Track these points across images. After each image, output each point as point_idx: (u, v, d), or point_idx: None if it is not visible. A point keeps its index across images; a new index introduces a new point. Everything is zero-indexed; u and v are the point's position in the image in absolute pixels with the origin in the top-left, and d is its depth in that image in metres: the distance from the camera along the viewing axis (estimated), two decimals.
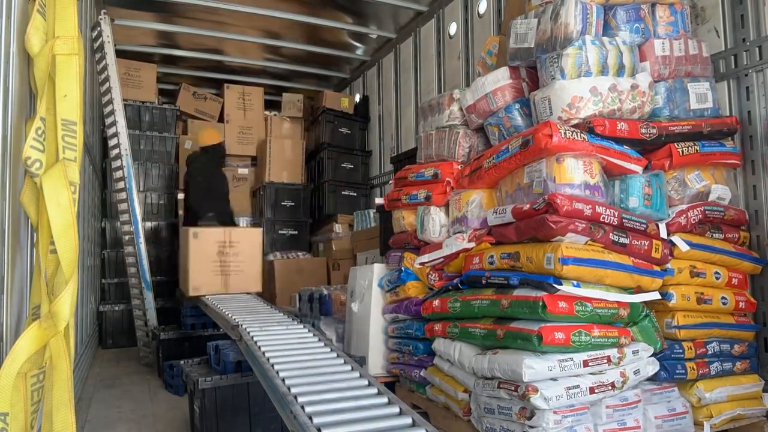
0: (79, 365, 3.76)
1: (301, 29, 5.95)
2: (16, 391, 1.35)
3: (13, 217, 1.54)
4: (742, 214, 2.78)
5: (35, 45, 1.55)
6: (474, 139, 3.19)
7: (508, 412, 2.31)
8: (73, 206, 1.48)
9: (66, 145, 1.54)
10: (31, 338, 1.38)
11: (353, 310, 3.72)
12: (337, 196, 6.49)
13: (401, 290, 3.28)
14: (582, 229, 2.30)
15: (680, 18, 2.85)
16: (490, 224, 2.73)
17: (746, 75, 2.82)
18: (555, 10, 2.65)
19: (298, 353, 2.43)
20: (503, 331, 2.37)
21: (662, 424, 2.41)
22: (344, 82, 7.49)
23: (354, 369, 2.24)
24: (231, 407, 2.73)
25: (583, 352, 2.25)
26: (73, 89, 1.56)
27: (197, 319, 4.66)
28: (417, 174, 3.33)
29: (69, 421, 1.48)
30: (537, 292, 2.27)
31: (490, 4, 4.53)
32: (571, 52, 2.57)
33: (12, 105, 1.54)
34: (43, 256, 1.49)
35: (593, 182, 2.42)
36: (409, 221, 3.38)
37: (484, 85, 3.00)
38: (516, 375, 2.21)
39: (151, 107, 6.23)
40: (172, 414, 3.44)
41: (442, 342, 2.81)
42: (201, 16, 5.60)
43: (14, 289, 1.56)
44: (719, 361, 2.57)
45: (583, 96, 2.52)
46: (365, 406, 1.85)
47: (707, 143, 2.67)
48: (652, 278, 2.45)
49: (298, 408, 1.77)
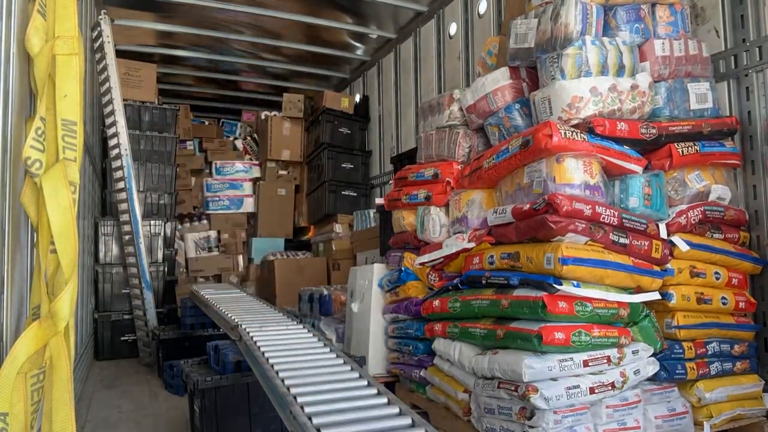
0: (78, 365, 3.75)
1: (301, 29, 5.95)
2: (16, 391, 1.35)
3: (13, 217, 1.54)
4: (742, 214, 2.78)
5: (35, 45, 1.54)
6: (474, 139, 3.19)
7: (508, 412, 2.31)
8: (73, 206, 1.48)
9: (66, 145, 1.54)
10: (31, 338, 1.38)
11: (353, 310, 3.72)
12: (337, 196, 6.49)
13: (401, 290, 3.28)
14: (582, 229, 2.30)
15: (680, 18, 2.85)
16: (490, 224, 2.73)
17: (746, 75, 2.82)
18: (555, 10, 2.65)
19: (297, 353, 2.43)
20: (503, 331, 2.37)
21: (662, 424, 2.41)
22: (344, 82, 7.49)
23: (354, 369, 2.24)
24: (231, 407, 2.73)
25: (583, 352, 2.25)
26: (73, 89, 1.56)
27: (196, 319, 4.67)
28: (417, 174, 3.33)
29: (69, 421, 1.48)
30: (537, 292, 2.27)
31: (490, 4, 4.53)
32: (571, 53, 2.57)
33: (12, 105, 1.53)
34: (43, 256, 1.49)
35: (593, 182, 2.42)
36: (409, 221, 3.38)
37: (484, 85, 3.00)
38: (516, 375, 2.21)
39: (151, 107, 6.21)
40: (172, 414, 3.44)
41: (442, 342, 2.81)
42: (201, 16, 5.59)
43: (14, 289, 1.56)
44: (719, 361, 2.57)
45: (583, 96, 2.52)
46: (365, 406, 1.84)
47: (707, 143, 2.67)
48: (652, 278, 2.45)
49: (298, 408, 1.76)
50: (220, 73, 7.11)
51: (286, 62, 6.86)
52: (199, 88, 7.67)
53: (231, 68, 7.03)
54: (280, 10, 5.50)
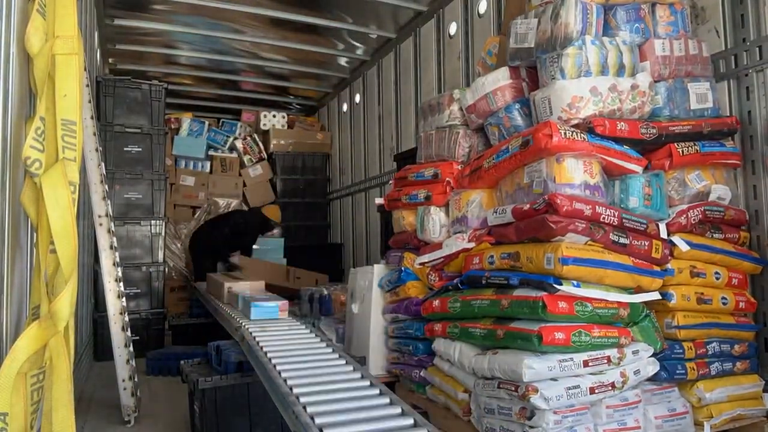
0: (78, 365, 3.75)
1: (302, 29, 5.94)
2: (16, 391, 1.35)
3: (13, 217, 1.54)
4: (742, 214, 2.78)
5: (35, 45, 1.54)
6: (474, 139, 3.18)
7: (508, 413, 2.31)
8: (72, 206, 1.48)
9: (66, 144, 1.54)
10: (30, 338, 1.38)
11: (353, 311, 3.72)
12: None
13: (401, 290, 3.28)
14: (582, 229, 2.29)
15: (680, 18, 2.85)
16: (490, 224, 2.73)
17: (746, 75, 2.82)
18: (555, 10, 2.65)
19: (300, 354, 2.43)
20: (503, 331, 2.37)
21: (662, 424, 2.41)
22: (344, 82, 7.48)
23: (356, 369, 2.24)
24: (231, 407, 2.73)
25: (583, 352, 2.25)
26: (73, 89, 1.56)
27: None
28: (417, 174, 3.33)
29: (69, 421, 1.48)
30: (537, 292, 2.27)
31: (490, 4, 4.53)
32: (571, 52, 2.57)
33: (12, 105, 1.53)
34: (43, 255, 1.49)
35: (593, 182, 2.42)
36: (409, 221, 3.38)
37: (484, 85, 3.00)
38: (516, 375, 2.21)
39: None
40: (172, 414, 3.44)
41: (442, 342, 2.81)
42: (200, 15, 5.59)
43: (14, 289, 1.56)
44: (719, 361, 2.56)
45: (583, 96, 2.52)
46: (367, 406, 1.85)
47: (707, 143, 2.66)
48: (652, 278, 2.44)
49: (300, 408, 1.77)
50: (220, 73, 7.10)
51: (286, 62, 6.86)
52: (199, 88, 7.66)
53: (231, 68, 7.02)
54: (280, 10, 5.49)
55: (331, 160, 8.12)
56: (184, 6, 5.31)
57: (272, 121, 8.12)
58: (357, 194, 7.11)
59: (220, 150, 7.90)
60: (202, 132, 7.81)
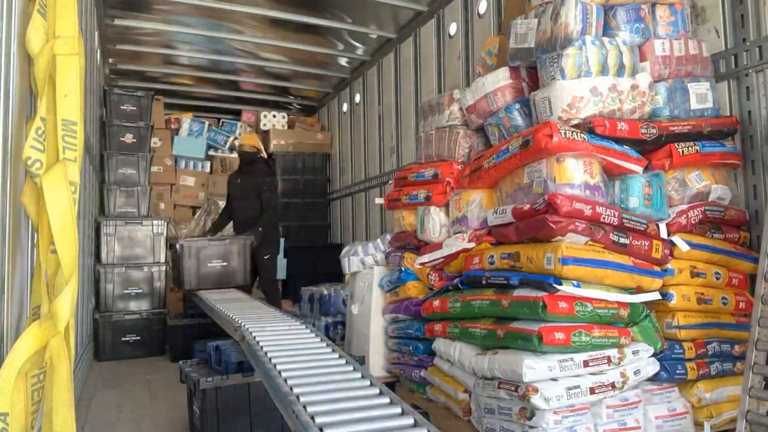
0: (79, 365, 3.75)
1: (302, 29, 5.94)
2: (17, 391, 1.35)
3: (14, 217, 1.54)
4: (742, 214, 2.78)
5: (35, 45, 1.54)
6: (474, 139, 3.19)
7: (508, 413, 2.31)
8: (73, 206, 1.48)
9: (66, 145, 1.54)
10: (31, 338, 1.38)
11: (353, 313, 3.72)
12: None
13: (401, 290, 3.28)
14: (582, 230, 2.30)
15: (680, 18, 2.85)
16: (490, 224, 2.73)
17: (746, 75, 2.82)
18: (555, 10, 2.65)
19: (300, 353, 2.43)
20: (503, 332, 2.37)
21: (662, 424, 2.41)
22: (344, 82, 7.48)
23: (356, 369, 2.24)
24: (231, 407, 2.73)
25: (584, 353, 2.25)
26: (74, 89, 1.56)
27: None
28: (417, 174, 3.33)
29: (69, 421, 1.48)
30: (537, 292, 2.27)
31: (490, 4, 4.53)
32: (572, 52, 2.57)
33: (12, 105, 1.53)
34: (44, 256, 1.49)
35: (593, 182, 2.42)
36: (409, 221, 3.38)
37: (484, 85, 3.00)
38: (516, 375, 2.21)
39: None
40: (172, 414, 3.44)
41: (442, 342, 2.81)
42: (200, 15, 5.59)
43: (14, 289, 1.56)
44: (719, 361, 2.56)
45: (584, 96, 2.52)
46: (367, 406, 1.84)
47: (707, 143, 2.66)
48: (652, 278, 2.45)
49: (300, 408, 1.76)
50: (220, 73, 7.10)
51: (286, 62, 6.85)
52: (199, 88, 7.66)
53: (231, 68, 7.01)
54: (280, 10, 5.49)
55: (331, 160, 8.11)
56: (184, 6, 5.31)
57: (272, 121, 8.12)
58: (357, 194, 7.10)
59: (220, 150, 7.90)
60: (202, 132, 7.82)
